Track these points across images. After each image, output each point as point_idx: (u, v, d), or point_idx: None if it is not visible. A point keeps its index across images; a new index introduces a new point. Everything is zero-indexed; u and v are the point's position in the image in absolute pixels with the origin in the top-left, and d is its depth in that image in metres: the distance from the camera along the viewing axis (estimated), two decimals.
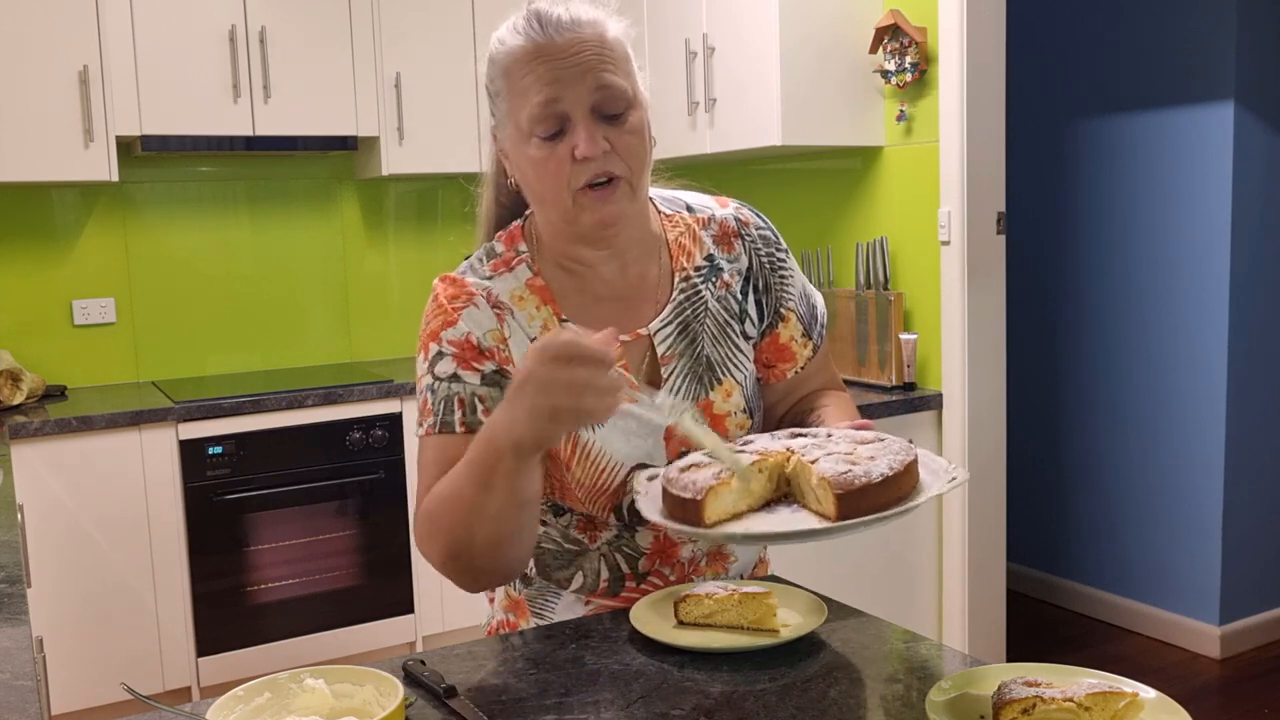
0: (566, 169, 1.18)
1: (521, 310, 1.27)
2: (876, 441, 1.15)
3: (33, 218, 3.52)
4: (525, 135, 1.20)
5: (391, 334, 4.09)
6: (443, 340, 1.25)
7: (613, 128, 1.19)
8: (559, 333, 1.03)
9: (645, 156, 1.23)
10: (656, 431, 1.28)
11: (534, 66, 1.18)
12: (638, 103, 1.22)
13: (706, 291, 1.34)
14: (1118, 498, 3.81)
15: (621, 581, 1.35)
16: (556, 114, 1.17)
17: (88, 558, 3.08)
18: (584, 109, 1.18)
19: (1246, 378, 3.49)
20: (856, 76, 3.19)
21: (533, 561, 1.37)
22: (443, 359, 1.25)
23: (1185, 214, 3.52)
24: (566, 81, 1.17)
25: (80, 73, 3.19)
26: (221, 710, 0.96)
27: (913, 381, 3.13)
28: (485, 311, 1.26)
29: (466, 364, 1.24)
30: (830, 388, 1.44)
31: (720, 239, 1.36)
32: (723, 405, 1.32)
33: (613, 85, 1.18)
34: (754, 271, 1.37)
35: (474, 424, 1.22)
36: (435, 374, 1.25)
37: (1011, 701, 0.94)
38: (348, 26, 3.60)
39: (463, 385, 1.24)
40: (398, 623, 3.52)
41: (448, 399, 1.24)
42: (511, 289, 1.28)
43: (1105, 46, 3.73)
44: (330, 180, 3.96)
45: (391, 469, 3.45)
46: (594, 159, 1.17)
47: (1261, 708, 3.21)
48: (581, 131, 1.17)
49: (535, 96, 1.17)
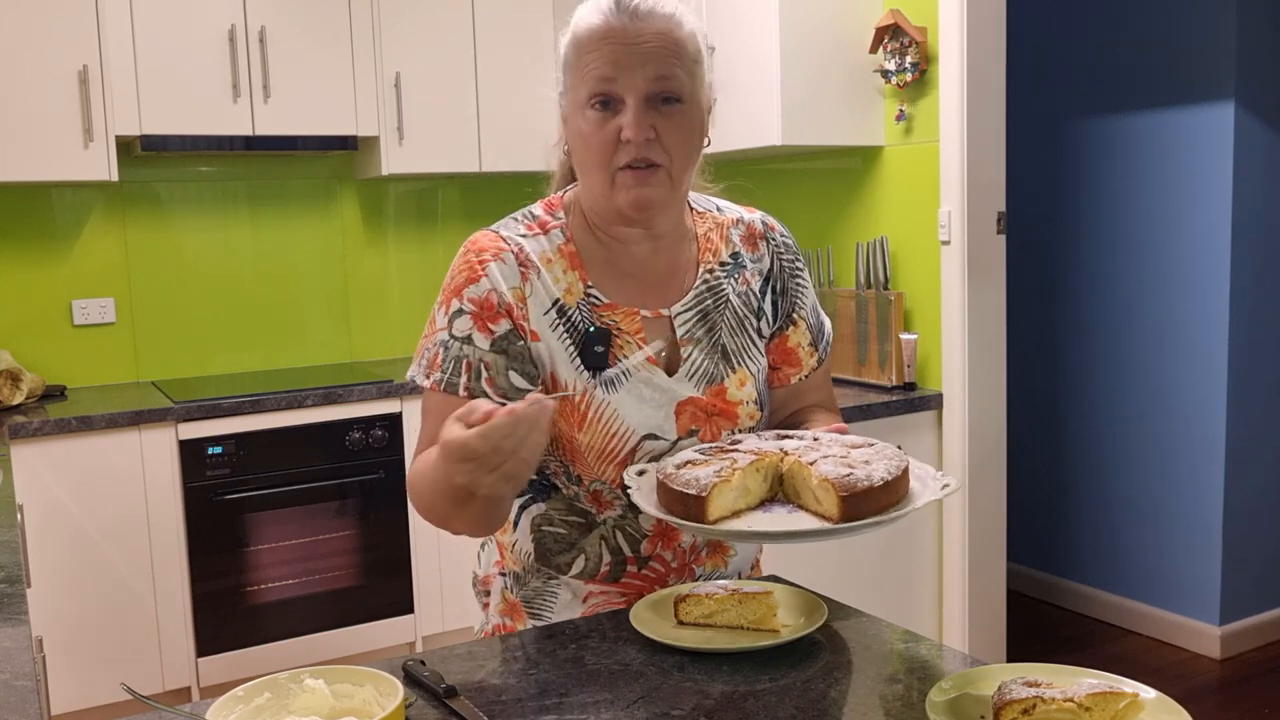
0: (611, 147, 1.24)
1: (548, 271, 1.32)
2: (866, 446, 1.17)
3: (33, 218, 3.52)
4: (581, 107, 1.26)
5: (391, 334, 4.09)
6: (465, 297, 1.30)
7: (663, 118, 1.24)
8: (456, 436, 1.06)
9: (690, 151, 1.29)
10: (669, 404, 1.31)
11: (601, 45, 1.24)
12: (694, 100, 1.27)
13: (728, 286, 1.39)
14: (1118, 498, 3.81)
15: (623, 565, 1.35)
16: (611, 93, 1.24)
17: (88, 558, 3.08)
18: (638, 94, 1.23)
19: (1247, 378, 3.49)
20: (856, 76, 3.19)
21: (531, 551, 1.39)
22: (462, 316, 1.30)
23: (1185, 214, 3.52)
24: (626, 65, 1.23)
25: (80, 73, 3.19)
26: (221, 710, 0.96)
27: (913, 381, 3.13)
28: (511, 267, 1.31)
29: (483, 324, 1.29)
30: (827, 407, 1.48)
31: (747, 239, 1.43)
32: (736, 393, 1.35)
33: (670, 77, 1.24)
34: (774, 274, 1.43)
35: (476, 390, 1.27)
36: (453, 331, 1.30)
37: (1011, 701, 0.94)
38: (347, 26, 3.60)
39: (474, 349, 1.28)
40: (398, 623, 3.51)
41: (458, 360, 1.29)
42: (542, 250, 1.33)
43: (1105, 46, 3.73)
44: (330, 180, 3.96)
45: (391, 469, 3.45)
46: (637, 143, 1.23)
47: (1261, 708, 3.21)
48: (631, 114, 1.23)
49: (595, 72, 1.24)
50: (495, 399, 1.26)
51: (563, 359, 1.30)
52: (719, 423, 1.33)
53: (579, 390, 1.29)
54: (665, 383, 1.31)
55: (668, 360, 1.33)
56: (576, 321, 1.30)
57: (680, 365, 1.33)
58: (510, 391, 1.27)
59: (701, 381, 1.33)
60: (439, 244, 4.13)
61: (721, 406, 1.33)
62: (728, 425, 1.34)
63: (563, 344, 1.30)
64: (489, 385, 1.27)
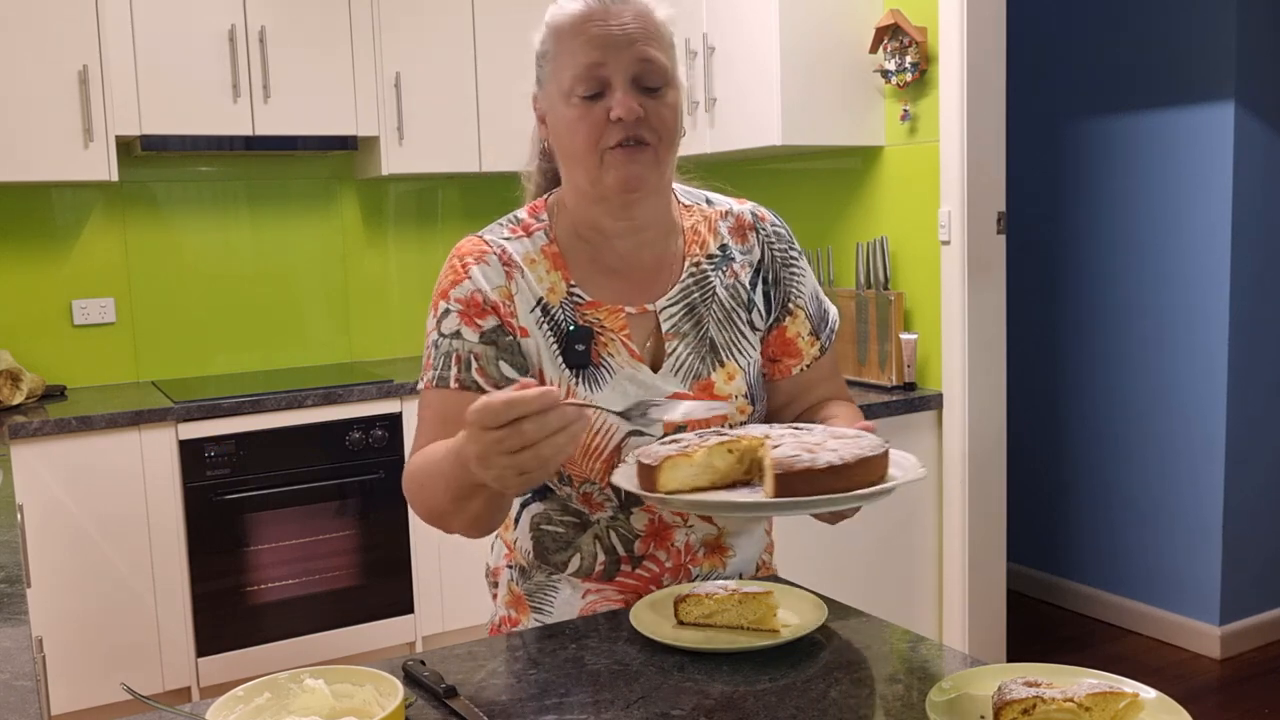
0: (600, 129, 1.25)
1: (531, 271, 1.33)
2: (854, 438, 1.16)
3: (33, 218, 3.52)
4: (566, 94, 1.26)
5: (391, 334, 4.10)
6: (451, 298, 1.32)
7: (649, 99, 1.26)
8: (490, 397, 0.99)
9: (675, 132, 1.29)
10: (652, 397, 1.31)
11: (584, 29, 1.25)
12: (675, 83, 1.29)
13: (716, 279, 1.38)
14: (1118, 498, 3.81)
15: (617, 565, 1.36)
16: (599, 77, 1.24)
17: (88, 558, 3.08)
18: (625, 76, 1.25)
19: (1247, 378, 3.49)
20: (856, 76, 3.19)
21: (530, 547, 1.40)
22: (449, 315, 1.31)
23: (1185, 214, 3.52)
24: (612, 48, 1.24)
25: (80, 73, 3.19)
26: (221, 710, 0.96)
27: (913, 381, 3.13)
28: (495, 268, 1.32)
29: (470, 320, 1.30)
30: (839, 398, 1.47)
31: (735, 231, 1.42)
32: (724, 387, 1.35)
33: (655, 60, 1.26)
34: (765, 265, 1.42)
35: (468, 381, 1.28)
36: (441, 330, 1.31)
37: (1011, 701, 0.94)
38: (347, 26, 3.60)
39: (463, 342, 1.30)
40: (398, 623, 3.52)
41: (448, 355, 1.30)
42: (526, 251, 1.34)
43: (1105, 46, 3.73)
44: (330, 180, 3.96)
45: (391, 469, 3.45)
46: (627, 122, 1.24)
47: (1261, 708, 3.21)
48: (619, 95, 1.24)
49: (581, 58, 1.25)
50: (488, 388, 1.26)
51: (548, 356, 1.31)
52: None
53: (564, 388, 1.29)
54: (650, 379, 1.32)
55: (653, 356, 1.33)
56: (559, 320, 1.31)
57: (664, 360, 1.33)
58: (502, 381, 1.28)
59: (687, 377, 1.33)
60: (439, 244, 4.13)
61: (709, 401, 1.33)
62: (716, 421, 1.33)
63: (547, 342, 1.31)
64: (480, 375, 1.28)
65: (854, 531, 2.98)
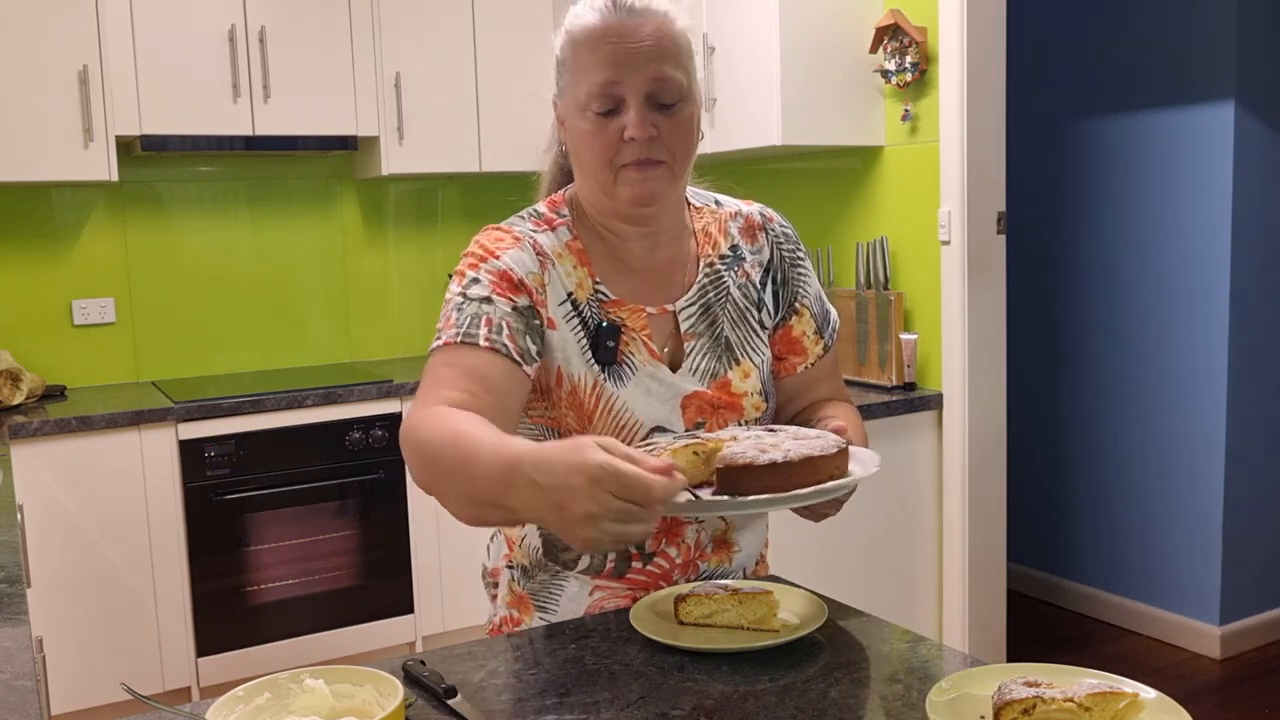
0: (614, 146, 1.25)
1: (560, 265, 1.32)
2: (814, 438, 1.16)
3: (33, 218, 3.52)
4: (581, 108, 1.26)
5: (391, 334, 4.10)
6: (481, 270, 1.27)
7: (663, 116, 1.26)
8: (616, 461, 0.93)
9: (690, 148, 1.30)
10: (674, 399, 1.32)
11: (600, 45, 1.24)
12: (691, 97, 1.28)
13: (729, 278, 1.40)
14: (1118, 498, 3.81)
15: (628, 562, 1.36)
16: (613, 95, 1.24)
17: (88, 558, 3.08)
18: (639, 95, 1.24)
19: (1247, 378, 3.49)
20: (856, 76, 3.19)
21: (539, 546, 1.40)
22: (478, 284, 1.26)
23: (1185, 214, 3.52)
24: (627, 65, 1.23)
25: (80, 73, 3.19)
26: (221, 710, 0.96)
27: (913, 381, 3.13)
28: (529, 254, 1.30)
29: (502, 291, 1.26)
30: (839, 398, 1.49)
31: (745, 231, 1.43)
32: (740, 385, 1.36)
33: (670, 77, 1.25)
34: (774, 264, 1.43)
35: (498, 344, 1.21)
36: (467, 295, 1.26)
37: (1011, 701, 0.94)
38: (347, 26, 3.60)
39: (494, 307, 1.24)
40: (398, 623, 3.52)
41: (475, 316, 1.23)
42: (553, 244, 1.33)
43: (1105, 46, 3.73)
44: (330, 180, 3.96)
45: (391, 469, 3.45)
46: (640, 142, 1.24)
47: (1261, 708, 3.21)
48: (633, 114, 1.24)
49: (596, 75, 1.24)
50: (515, 358, 1.22)
51: (575, 351, 1.30)
52: (725, 415, 1.34)
53: (589, 383, 1.29)
54: (669, 378, 1.33)
55: (671, 356, 1.34)
56: (587, 317, 1.31)
57: (683, 360, 1.34)
58: (528, 356, 1.24)
59: (705, 376, 1.35)
60: (439, 244, 4.14)
61: (726, 399, 1.35)
62: (733, 417, 1.35)
63: (575, 336, 1.30)
64: (510, 341, 1.22)
65: (854, 531, 2.98)
